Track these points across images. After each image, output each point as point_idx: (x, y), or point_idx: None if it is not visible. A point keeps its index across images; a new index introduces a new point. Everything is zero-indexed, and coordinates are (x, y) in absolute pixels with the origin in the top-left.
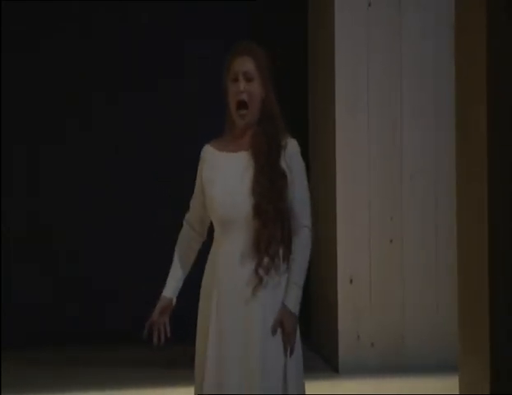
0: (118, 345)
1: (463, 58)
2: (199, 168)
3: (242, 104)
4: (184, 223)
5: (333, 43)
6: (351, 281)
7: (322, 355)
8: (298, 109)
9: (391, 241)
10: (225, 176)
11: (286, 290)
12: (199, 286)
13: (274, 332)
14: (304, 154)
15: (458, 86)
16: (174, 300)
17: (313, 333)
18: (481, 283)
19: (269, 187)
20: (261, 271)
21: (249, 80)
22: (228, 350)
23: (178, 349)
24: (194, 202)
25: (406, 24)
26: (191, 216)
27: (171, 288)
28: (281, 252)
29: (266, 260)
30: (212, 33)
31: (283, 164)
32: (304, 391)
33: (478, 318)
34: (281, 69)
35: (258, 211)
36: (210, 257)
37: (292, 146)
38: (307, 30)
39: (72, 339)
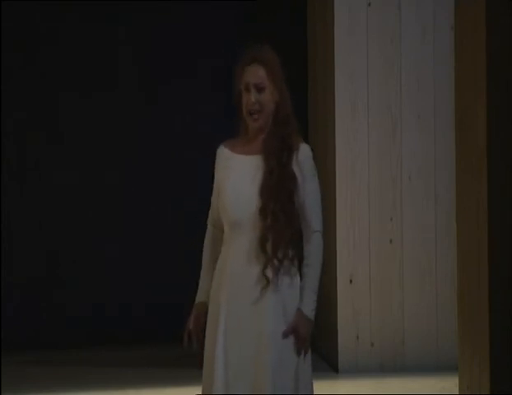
0: (118, 345)
1: (463, 58)
2: (215, 168)
3: (254, 112)
4: (208, 225)
5: (333, 43)
6: (350, 281)
7: (322, 355)
8: (298, 109)
9: (391, 241)
10: (236, 178)
11: (301, 295)
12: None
13: (286, 335)
14: None
15: (457, 87)
16: (208, 303)
17: (312, 333)
18: (481, 283)
19: (278, 188)
20: (268, 273)
21: (260, 90)
22: (236, 351)
23: (179, 349)
24: (213, 201)
25: (406, 24)
26: (212, 215)
27: (204, 292)
28: (290, 254)
29: (273, 261)
30: (211, 33)
31: (294, 168)
32: (313, 391)
33: (478, 318)
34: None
35: (265, 212)
36: (219, 257)
37: (304, 151)
38: (307, 30)
39: (71, 339)
